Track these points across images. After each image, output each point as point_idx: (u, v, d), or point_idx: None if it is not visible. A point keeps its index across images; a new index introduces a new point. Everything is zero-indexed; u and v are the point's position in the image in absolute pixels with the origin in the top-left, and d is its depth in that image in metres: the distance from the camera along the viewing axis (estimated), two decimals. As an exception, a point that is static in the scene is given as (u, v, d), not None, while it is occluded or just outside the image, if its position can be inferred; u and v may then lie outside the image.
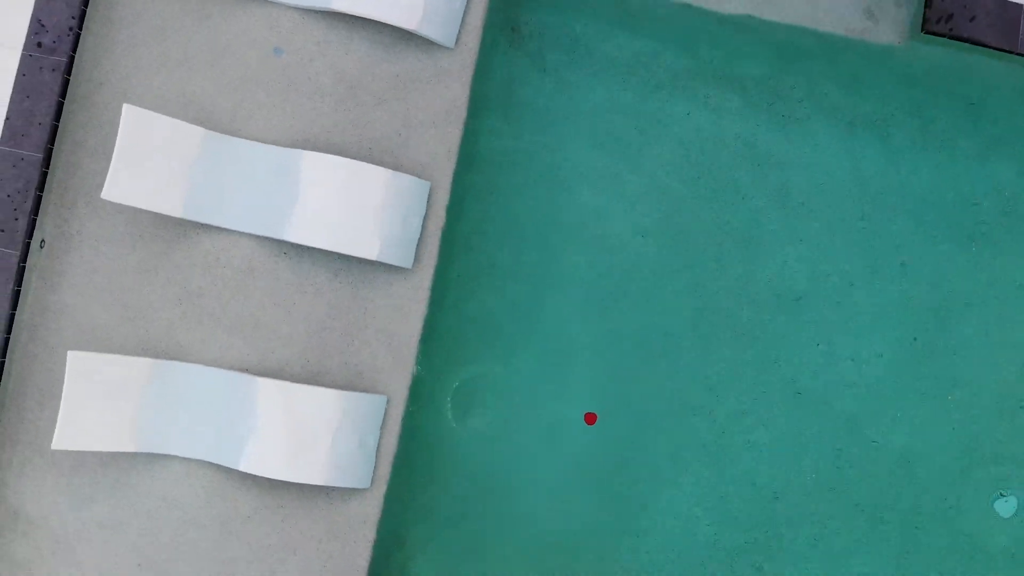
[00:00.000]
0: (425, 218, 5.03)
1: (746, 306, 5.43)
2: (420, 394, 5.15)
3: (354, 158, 4.88)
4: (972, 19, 4.93)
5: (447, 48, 5.07)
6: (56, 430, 4.58)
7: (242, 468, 4.68)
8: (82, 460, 4.91)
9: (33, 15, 4.92)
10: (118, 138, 4.58)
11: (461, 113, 5.11)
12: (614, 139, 5.43)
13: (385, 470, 4.96)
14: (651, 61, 5.45)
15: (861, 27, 5.28)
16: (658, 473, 5.38)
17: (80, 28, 4.98)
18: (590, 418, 5.31)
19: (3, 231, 4.90)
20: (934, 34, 4.93)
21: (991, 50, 4.99)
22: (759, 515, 5.34)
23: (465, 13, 5.11)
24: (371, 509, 4.95)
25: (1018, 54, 4.91)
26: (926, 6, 4.94)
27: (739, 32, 5.34)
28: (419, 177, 5.00)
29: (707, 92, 5.43)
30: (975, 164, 5.47)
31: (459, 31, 5.09)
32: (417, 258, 5.04)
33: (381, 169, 4.81)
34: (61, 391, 4.72)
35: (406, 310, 5.03)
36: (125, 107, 4.60)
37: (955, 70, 5.30)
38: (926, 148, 5.47)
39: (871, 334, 5.41)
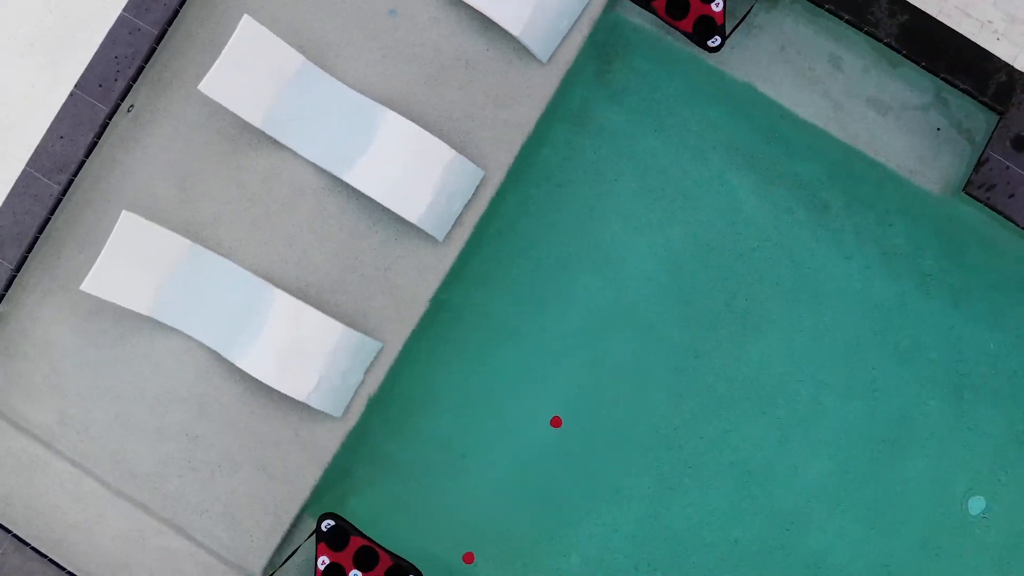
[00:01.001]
0: (468, 203, 5.44)
1: (723, 379, 5.80)
2: (413, 351, 5.57)
3: (426, 128, 5.29)
4: (1011, 196, 5.28)
5: (540, 61, 5.48)
6: (89, 274, 5.04)
7: (238, 364, 5.13)
8: (99, 309, 5.37)
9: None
10: (231, 40, 5.03)
11: (531, 121, 5.52)
12: (658, 189, 5.82)
13: (358, 409, 5.40)
14: (715, 132, 5.82)
15: (911, 168, 5.64)
16: (598, 499, 5.77)
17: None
18: (556, 422, 5.73)
19: (101, 86, 5.36)
20: (973, 197, 5.29)
21: (1020, 229, 5.33)
22: (672, 563, 5.73)
23: (568, 35, 5.52)
24: (334, 437, 5.40)
25: (1043, 241, 5.28)
26: (975, 169, 5.30)
27: (802, 135, 5.71)
28: (476, 165, 5.42)
29: (755, 176, 5.80)
30: (974, 324, 5.80)
31: (556, 49, 5.50)
32: (450, 234, 5.46)
33: (446, 146, 5.24)
34: (103, 241, 5.18)
35: (425, 276, 5.46)
36: (244, 17, 5.05)
37: (982, 235, 5.64)
38: (935, 296, 5.80)
39: (824, 444, 5.77)
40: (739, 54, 5.67)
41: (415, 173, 5.21)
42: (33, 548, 5.32)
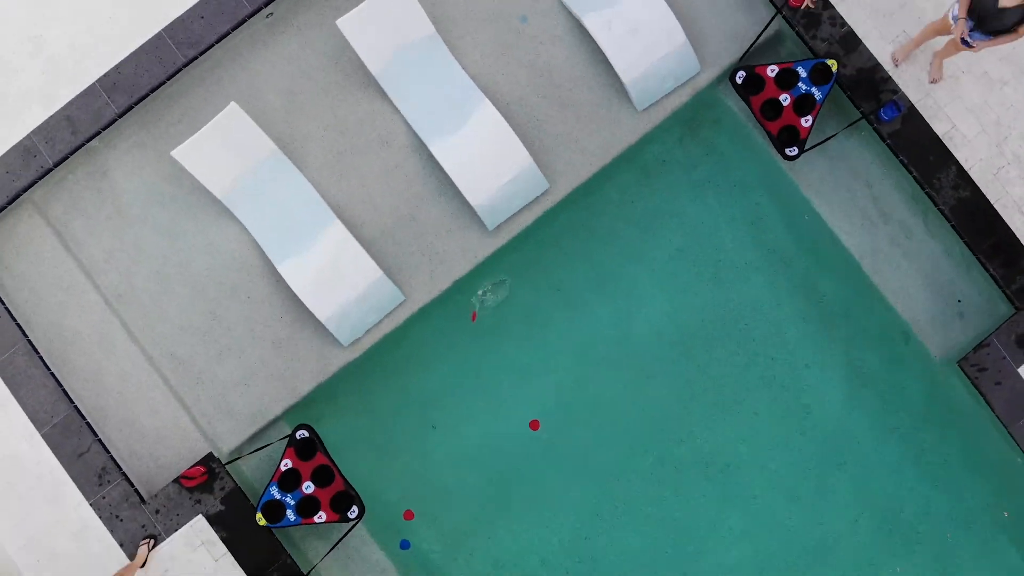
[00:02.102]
0: (525, 207, 5.92)
1: (686, 445, 6.17)
2: (428, 315, 6.05)
3: (515, 129, 5.76)
4: (997, 384, 5.68)
5: (635, 108, 5.94)
6: (183, 144, 5.55)
7: (278, 268, 5.64)
8: (178, 176, 5.89)
9: None
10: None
11: (607, 158, 5.98)
12: (692, 258, 6.23)
13: (363, 346, 5.89)
14: (762, 228, 6.24)
15: (922, 326, 6.05)
16: (541, 503, 6.18)
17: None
18: (534, 424, 6.18)
19: (251, -10, 5.87)
20: (964, 372, 5.70)
21: (995, 416, 5.73)
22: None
23: (668, 95, 5.97)
24: (335, 362, 5.89)
25: (1010, 432, 5.66)
26: (974, 349, 5.70)
27: (838, 258, 6.13)
28: (544, 177, 5.88)
29: (782, 281, 6.21)
30: (923, 482, 6.15)
31: (653, 104, 5.96)
32: (499, 228, 5.94)
33: (525, 152, 5.71)
34: (204, 120, 5.70)
35: (465, 255, 5.93)
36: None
37: (962, 408, 6.04)
38: (897, 446, 6.14)
39: (751, 533, 6.17)
40: (810, 168, 6.11)
41: (490, 165, 5.68)
42: (41, 357, 5.83)
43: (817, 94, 5.69)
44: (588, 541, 6.16)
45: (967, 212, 5.78)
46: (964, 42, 4.96)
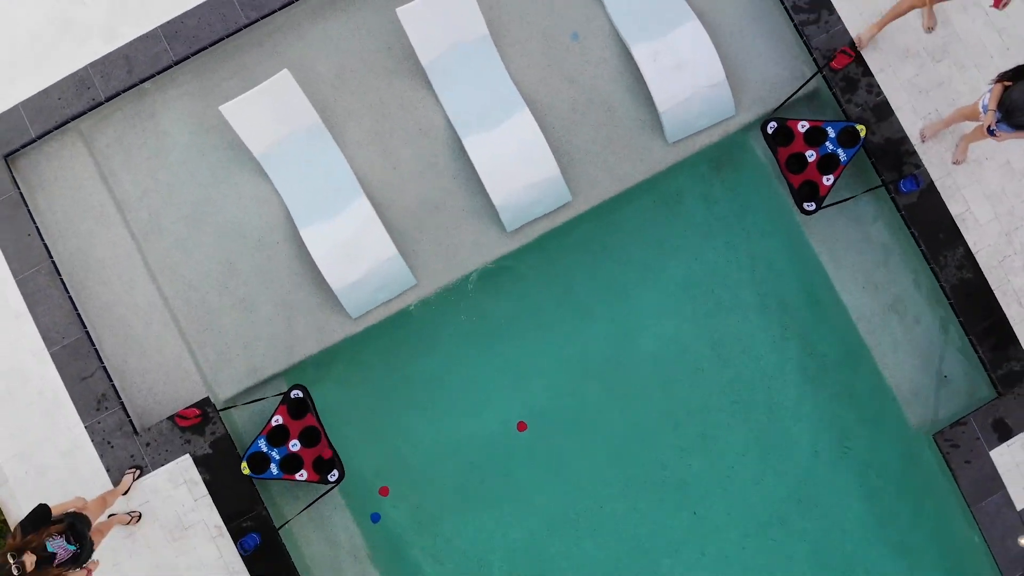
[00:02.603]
0: (545, 215, 6.13)
1: (657, 467, 6.32)
2: (435, 303, 6.28)
3: (548, 139, 5.97)
4: (967, 462, 5.86)
5: (666, 140, 6.15)
6: (232, 101, 5.78)
7: (301, 232, 5.87)
8: (221, 129, 6.13)
9: None
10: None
11: (631, 182, 6.19)
12: (695, 291, 6.41)
13: (369, 320, 6.11)
14: (767, 273, 6.41)
15: (905, 394, 6.23)
16: (507, 500, 6.37)
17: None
18: (521, 425, 6.39)
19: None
20: (937, 445, 5.88)
21: (960, 493, 5.90)
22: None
23: (699, 132, 6.17)
24: (340, 331, 6.12)
25: (972, 511, 5.84)
26: (951, 425, 5.88)
27: (836, 315, 6.31)
28: (568, 190, 6.09)
29: (776, 327, 6.39)
30: (881, 548, 6.33)
31: (683, 138, 6.16)
32: (517, 231, 6.15)
33: (554, 163, 5.92)
34: (255, 80, 5.94)
35: (480, 251, 6.15)
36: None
37: (932, 481, 6.21)
38: (864, 507, 6.32)
39: (712, 566, 6.37)
40: (824, 225, 6.30)
41: (518, 168, 5.90)
42: (62, 280, 6.07)
43: (842, 156, 5.88)
44: (549, 545, 6.36)
45: (967, 293, 5.96)
46: (990, 131, 5.15)
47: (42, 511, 4.95)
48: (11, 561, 4.60)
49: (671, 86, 5.96)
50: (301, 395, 5.79)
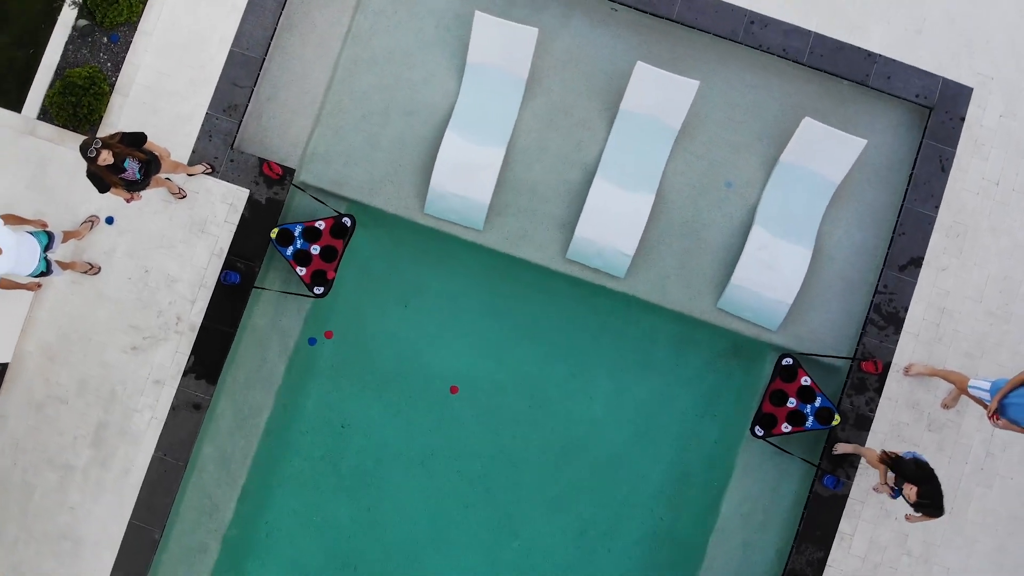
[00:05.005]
0: (595, 270, 7.18)
1: (516, 539, 7.46)
2: (477, 252, 7.37)
3: (646, 226, 7.04)
4: None
5: (715, 300, 7.15)
6: (487, 15, 6.89)
7: (447, 133, 7.02)
8: (463, 24, 7.26)
9: None
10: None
11: (666, 303, 7.20)
12: (640, 411, 7.44)
13: (428, 224, 7.22)
14: (691, 442, 7.41)
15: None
16: (404, 460, 7.44)
17: None
18: (454, 389, 7.44)
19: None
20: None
21: None
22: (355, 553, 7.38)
23: (740, 318, 7.16)
24: (407, 210, 7.23)
25: None
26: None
27: (709, 512, 7.29)
28: (626, 269, 7.13)
29: (670, 486, 7.39)
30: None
31: (727, 313, 7.16)
32: (572, 261, 7.21)
33: (636, 245, 6.95)
34: (515, 19, 7.06)
35: (537, 251, 7.22)
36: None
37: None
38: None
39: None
40: (755, 453, 7.20)
41: (612, 226, 6.93)
42: (279, 17, 7.29)
43: (810, 423, 6.83)
44: (373, 524, 7.43)
45: (800, 580, 6.92)
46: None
47: (141, 137, 6.16)
48: (95, 147, 5.78)
49: (754, 274, 6.95)
50: (349, 223, 6.94)
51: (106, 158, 5.81)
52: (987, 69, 7.21)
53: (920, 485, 5.64)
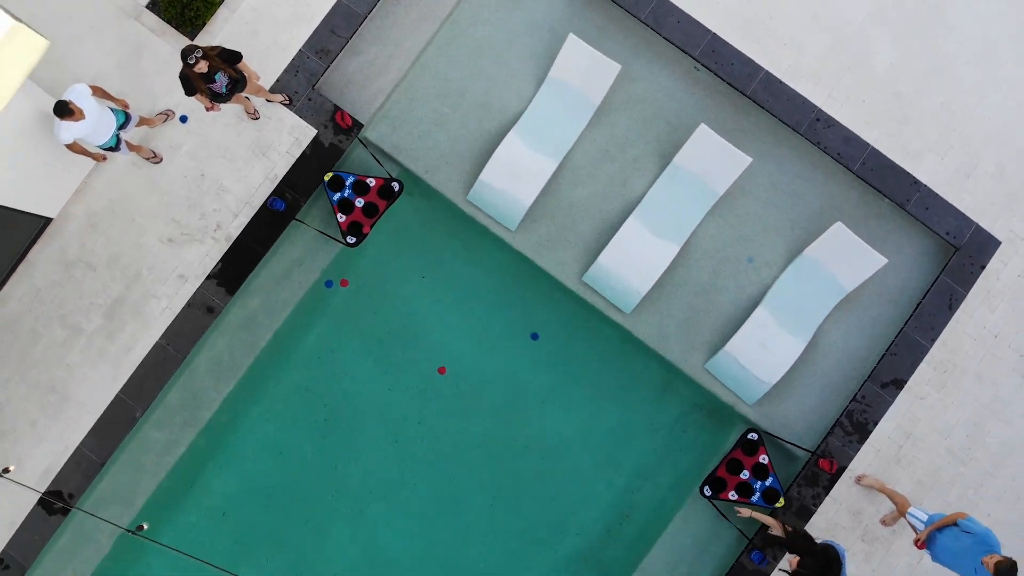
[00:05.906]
0: (606, 300, 7.59)
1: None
2: (502, 247, 7.80)
3: (665, 271, 7.45)
4: None
5: (703, 360, 7.55)
6: (579, 40, 7.31)
7: (509, 133, 7.45)
8: (555, 40, 7.69)
9: None
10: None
11: (662, 350, 7.60)
12: (609, 436, 7.86)
13: (466, 210, 7.66)
14: (638, 483, 7.83)
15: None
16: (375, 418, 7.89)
17: None
18: (442, 370, 7.88)
19: None
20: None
21: None
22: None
23: (723, 383, 7.56)
24: (451, 191, 7.67)
25: None
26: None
27: (643, 552, 7.71)
28: (636, 306, 7.54)
29: (616, 520, 7.79)
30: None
31: (712, 372, 7.55)
32: (587, 285, 7.62)
33: (650, 286, 7.36)
34: (604, 50, 7.48)
35: (557, 265, 7.64)
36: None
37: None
38: None
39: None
40: (698, 511, 7.60)
41: (634, 264, 7.33)
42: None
43: (756, 498, 7.23)
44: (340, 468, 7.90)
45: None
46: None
47: (237, 56, 6.61)
48: (196, 55, 6.24)
49: (747, 348, 7.34)
50: (397, 188, 7.39)
51: (202, 67, 6.27)
52: (1021, 229, 7.55)
53: (804, 557, 6.05)
